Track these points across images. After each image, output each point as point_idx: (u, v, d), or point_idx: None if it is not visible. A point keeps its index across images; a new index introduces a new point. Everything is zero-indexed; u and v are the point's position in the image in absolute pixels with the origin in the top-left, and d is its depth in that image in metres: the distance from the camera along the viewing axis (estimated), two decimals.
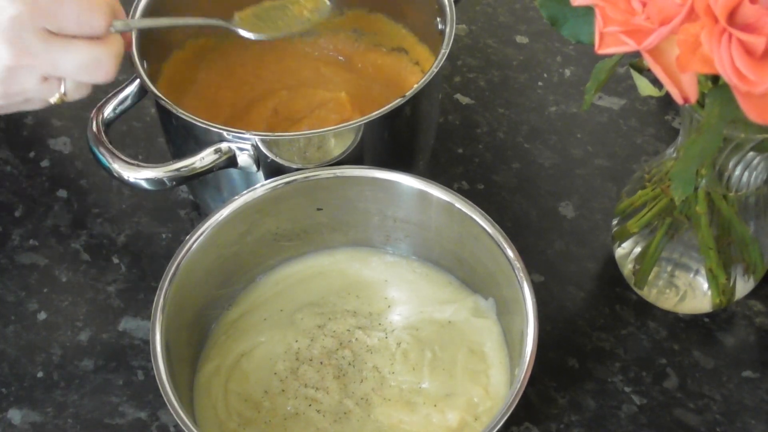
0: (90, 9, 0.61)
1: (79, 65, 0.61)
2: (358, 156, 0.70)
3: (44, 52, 0.59)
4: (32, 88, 0.61)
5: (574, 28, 0.57)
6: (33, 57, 0.59)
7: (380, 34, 0.84)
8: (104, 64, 0.62)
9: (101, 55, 0.61)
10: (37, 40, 0.59)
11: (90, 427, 0.69)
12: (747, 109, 0.48)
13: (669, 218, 0.68)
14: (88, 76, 0.62)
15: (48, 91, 0.62)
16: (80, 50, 0.61)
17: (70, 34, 0.60)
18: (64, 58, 0.60)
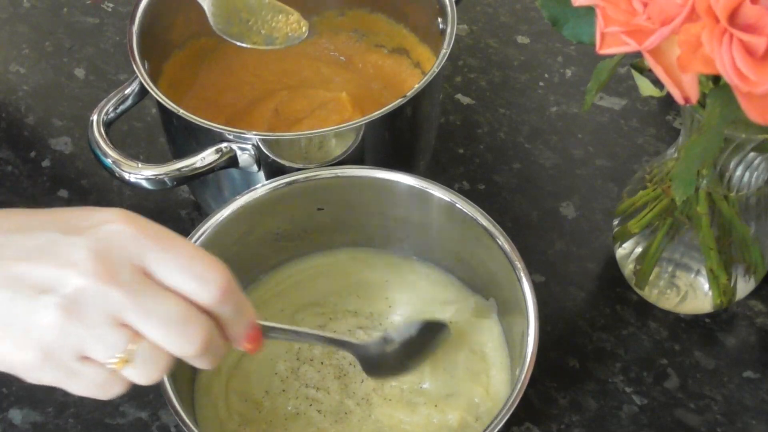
0: (206, 263, 0.48)
1: (169, 317, 0.47)
2: (359, 156, 0.70)
3: (134, 283, 0.46)
4: (98, 333, 0.46)
5: (575, 28, 0.57)
6: (118, 284, 0.46)
7: (381, 35, 0.84)
8: (195, 327, 0.47)
9: (195, 317, 0.47)
10: (131, 270, 0.46)
11: (91, 427, 0.69)
12: (748, 109, 0.48)
13: (670, 219, 0.68)
14: (175, 334, 0.47)
15: (116, 342, 0.46)
16: (177, 301, 0.47)
17: (170, 284, 0.47)
18: (154, 301, 0.46)
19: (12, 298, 0.46)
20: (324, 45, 0.85)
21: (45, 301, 0.45)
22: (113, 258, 0.46)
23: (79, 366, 0.47)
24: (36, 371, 0.47)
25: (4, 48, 0.93)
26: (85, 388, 0.48)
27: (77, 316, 0.45)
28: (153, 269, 0.47)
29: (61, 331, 0.45)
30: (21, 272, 0.46)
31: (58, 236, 0.47)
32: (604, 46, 0.50)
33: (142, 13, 0.74)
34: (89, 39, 0.94)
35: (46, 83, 0.90)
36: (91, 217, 0.48)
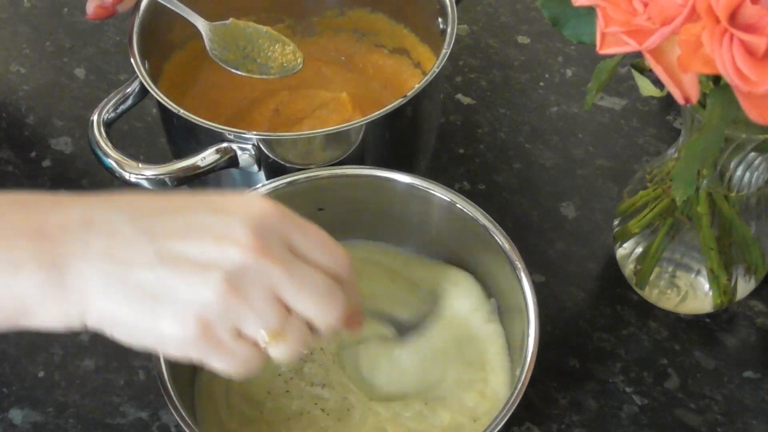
0: (334, 242, 0.52)
1: (318, 289, 0.49)
2: (360, 156, 0.70)
3: (288, 259, 0.49)
4: (259, 308, 0.48)
5: (576, 28, 0.57)
6: (276, 260, 0.48)
7: (381, 35, 0.84)
8: (338, 297, 0.50)
9: (337, 289, 0.50)
10: (284, 247, 0.49)
11: (91, 427, 0.69)
12: (748, 109, 0.48)
13: (670, 219, 0.68)
14: (324, 305, 0.50)
15: (274, 317, 0.48)
16: (322, 275, 0.50)
17: (312, 260, 0.50)
18: (306, 274, 0.49)
19: (173, 273, 0.47)
20: (324, 45, 0.85)
21: (209, 276, 0.47)
22: (268, 235, 0.49)
23: (231, 341, 0.48)
24: (188, 345, 0.48)
25: (4, 48, 0.93)
26: (229, 363, 0.49)
27: (241, 291, 0.47)
28: (297, 246, 0.50)
29: (225, 306, 0.47)
30: (179, 249, 0.47)
31: (209, 215, 0.49)
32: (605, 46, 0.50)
33: (143, 13, 0.74)
34: (89, 39, 0.94)
35: (46, 83, 0.90)
36: (233, 200, 0.51)
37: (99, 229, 0.48)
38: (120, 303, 0.47)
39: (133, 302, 0.47)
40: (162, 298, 0.47)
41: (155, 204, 0.50)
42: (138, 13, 0.74)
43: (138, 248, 0.47)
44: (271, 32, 0.76)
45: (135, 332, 0.48)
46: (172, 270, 0.47)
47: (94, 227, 0.48)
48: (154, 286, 0.47)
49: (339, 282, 0.51)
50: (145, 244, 0.48)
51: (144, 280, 0.47)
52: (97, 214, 0.48)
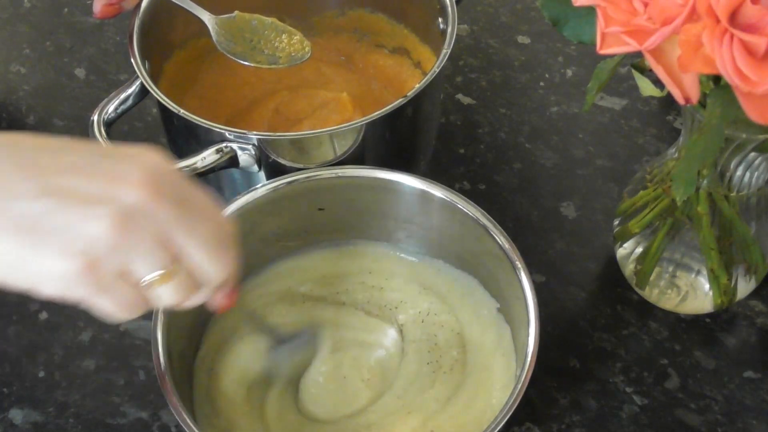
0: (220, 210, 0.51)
1: (211, 238, 0.49)
2: (360, 156, 0.70)
3: (181, 204, 0.48)
4: (146, 248, 0.47)
5: (576, 28, 0.57)
6: (169, 203, 0.47)
7: (382, 35, 0.84)
8: (230, 252, 0.50)
9: (230, 243, 0.51)
10: (177, 192, 0.48)
11: (91, 427, 0.69)
12: (748, 109, 0.48)
13: (670, 218, 0.68)
14: (214, 256, 0.49)
15: (161, 259, 0.47)
16: (215, 225, 0.49)
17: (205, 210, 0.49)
18: (198, 221, 0.48)
19: (59, 207, 0.45)
20: (324, 45, 0.85)
21: (98, 212, 0.45)
22: (162, 178, 0.47)
23: (115, 282, 0.47)
24: (71, 283, 0.46)
25: (4, 48, 0.93)
26: (113, 306, 0.48)
27: (129, 230, 0.46)
28: (190, 197, 0.48)
29: (112, 243, 0.45)
30: (68, 184, 0.45)
31: (100, 157, 0.47)
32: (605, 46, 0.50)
33: (143, 13, 0.74)
34: (90, 39, 0.94)
35: (46, 83, 0.90)
36: (124, 148, 0.49)
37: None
38: (2, 236, 0.45)
39: (12, 236, 0.45)
40: (45, 232, 0.45)
41: (38, 141, 0.47)
42: (138, 13, 0.74)
43: (19, 181, 0.45)
44: (276, 23, 0.76)
45: (12, 269, 0.46)
46: (58, 203, 0.45)
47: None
48: (37, 219, 0.45)
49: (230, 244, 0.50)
50: (29, 177, 0.45)
51: (26, 211, 0.45)
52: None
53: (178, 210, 0.47)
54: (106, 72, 0.91)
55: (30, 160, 0.46)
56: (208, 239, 0.48)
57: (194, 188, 0.49)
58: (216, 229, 0.49)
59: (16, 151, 0.46)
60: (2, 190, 0.45)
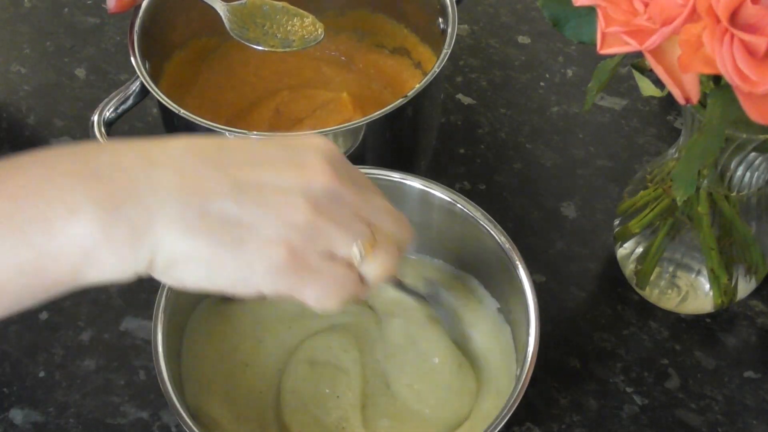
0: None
1: (391, 211, 0.52)
2: (360, 156, 0.70)
3: (360, 185, 0.50)
4: (346, 225, 0.48)
5: (576, 28, 0.57)
6: (350, 186, 0.49)
7: (382, 35, 0.84)
8: (406, 220, 0.53)
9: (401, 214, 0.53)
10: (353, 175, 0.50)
11: (91, 426, 0.69)
12: (749, 109, 0.48)
13: (671, 218, 0.68)
14: (400, 224, 0.52)
15: (362, 231, 0.49)
16: (387, 203, 0.52)
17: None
18: (376, 198, 0.51)
19: (256, 201, 0.46)
20: (325, 45, 0.85)
21: (294, 201, 0.46)
22: (337, 163, 0.49)
23: (322, 263, 0.48)
24: (278, 275, 0.46)
25: (5, 48, 0.93)
26: (323, 290, 0.48)
27: (328, 213, 0.47)
28: (356, 177, 0.50)
29: (315, 228, 0.47)
30: (256, 178, 0.46)
31: (276, 148, 0.49)
32: (605, 46, 0.50)
33: (143, 13, 0.74)
34: (90, 39, 0.94)
35: (47, 83, 0.90)
36: (294, 138, 0.52)
37: (163, 164, 0.45)
38: (198, 237, 0.45)
39: (214, 234, 0.45)
40: (247, 227, 0.45)
41: (216, 142, 0.48)
42: (139, 13, 0.74)
43: (212, 179, 0.45)
44: (288, 7, 0.75)
45: (215, 268, 0.46)
46: (254, 197, 0.46)
47: (157, 164, 0.45)
48: (238, 215, 0.45)
49: None
50: (219, 175, 0.46)
51: (225, 209, 0.45)
52: (155, 153, 0.46)
53: (356, 188, 0.49)
54: (106, 72, 0.91)
55: (215, 158, 0.47)
56: (385, 208, 0.51)
57: (356, 169, 0.51)
58: (384, 200, 0.51)
59: (203, 151, 0.47)
60: (197, 189, 0.45)
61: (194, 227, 0.45)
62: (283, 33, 0.74)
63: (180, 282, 0.46)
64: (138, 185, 0.45)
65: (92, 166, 0.45)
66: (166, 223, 0.44)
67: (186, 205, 0.45)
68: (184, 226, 0.45)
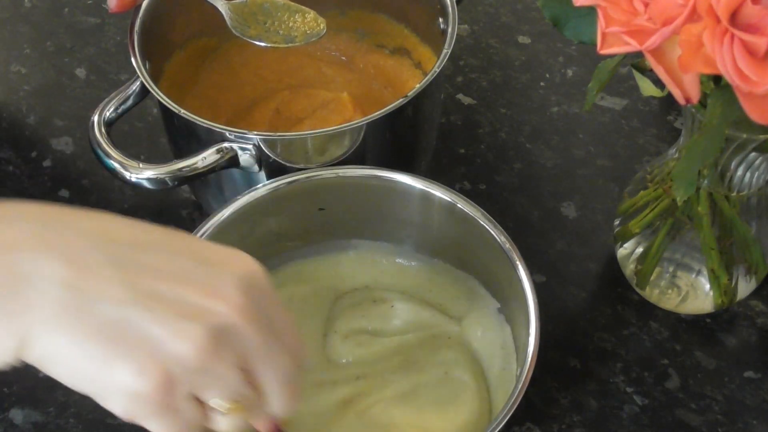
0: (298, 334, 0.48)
1: (287, 371, 0.46)
2: (360, 156, 0.70)
3: (270, 330, 0.44)
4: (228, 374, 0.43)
5: (576, 28, 0.57)
6: (259, 327, 0.44)
7: (382, 35, 0.84)
8: (297, 389, 0.47)
9: (298, 379, 0.47)
10: (268, 315, 0.45)
11: (92, 427, 0.69)
12: (749, 109, 0.48)
13: (671, 219, 0.68)
14: (285, 390, 0.46)
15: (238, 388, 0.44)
16: (291, 359, 0.46)
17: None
18: (281, 351, 0.45)
19: (146, 315, 0.41)
20: (325, 45, 0.85)
21: (189, 328, 0.42)
22: (255, 299, 0.44)
23: (183, 404, 0.43)
24: (139, 401, 0.42)
25: (5, 48, 0.93)
26: (170, 427, 0.43)
27: (217, 352, 0.42)
28: (274, 318, 0.45)
29: (197, 364, 0.42)
30: (157, 289, 0.42)
31: (195, 263, 0.44)
32: (605, 47, 0.50)
33: (144, 13, 0.74)
34: (90, 39, 0.94)
35: (47, 83, 0.90)
36: (220, 251, 0.46)
37: (56, 250, 0.41)
38: (71, 337, 0.41)
39: (88, 339, 0.41)
40: (124, 340, 0.41)
41: (132, 233, 0.44)
42: (139, 13, 0.74)
43: (107, 280, 0.41)
44: (288, 3, 0.75)
45: (80, 375, 0.42)
46: (145, 310, 0.41)
47: (53, 248, 0.41)
48: (118, 325, 0.41)
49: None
50: (117, 277, 0.41)
51: (108, 315, 0.41)
52: (55, 233, 0.42)
53: (264, 335, 0.44)
54: (106, 72, 0.91)
55: (127, 260, 0.42)
56: (285, 371, 0.46)
57: (279, 306, 0.46)
58: (294, 360, 0.46)
59: (111, 244, 0.43)
60: (87, 286, 0.41)
61: (69, 329, 0.41)
62: (285, 29, 0.74)
63: (55, 377, 0.43)
64: (23, 269, 0.41)
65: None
66: (41, 318, 0.41)
67: (67, 304, 0.41)
68: (58, 326, 0.41)
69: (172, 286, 0.42)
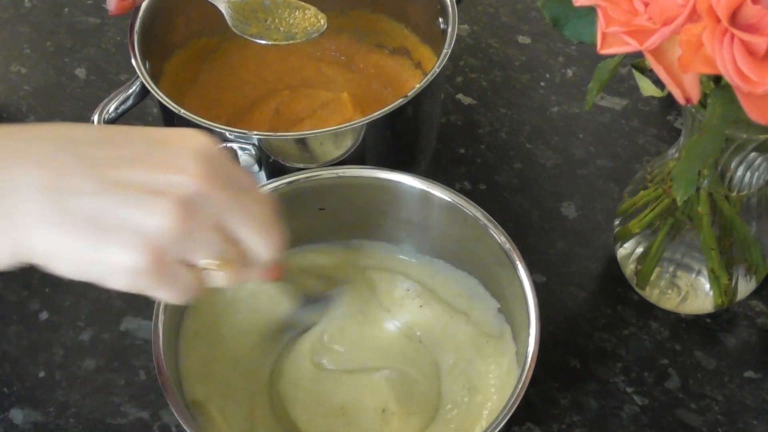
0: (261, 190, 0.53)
1: (263, 219, 0.50)
2: (360, 156, 0.70)
3: (235, 189, 0.49)
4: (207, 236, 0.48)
5: (576, 28, 0.57)
6: (224, 188, 0.48)
7: (382, 35, 0.84)
8: (279, 231, 0.51)
9: (278, 222, 0.51)
10: (230, 176, 0.49)
11: (92, 426, 0.69)
12: (749, 109, 0.48)
13: (671, 219, 0.68)
14: (267, 237, 0.50)
15: (220, 245, 0.48)
16: (265, 206, 0.51)
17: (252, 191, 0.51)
18: (252, 204, 0.50)
19: (120, 200, 0.45)
20: (325, 45, 0.85)
21: (160, 203, 0.46)
22: (213, 163, 0.48)
23: (175, 269, 0.47)
24: (137, 275, 0.46)
25: (5, 48, 0.93)
26: (174, 292, 0.48)
27: (189, 220, 0.46)
28: (237, 179, 0.49)
29: (174, 234, 0.46)
30: (124, 176, 0.46)
31: (153, 146, 0.48)
32: (605, 47, 0.50)
33: (143, 13, 0.74)
34: (90, 39, 0.94)
35: (47, 83, 0.90)
36: (173, 132, 0.50)
37: (31, 158, 0.46)
38: (63, 233, 0.45)
39: (78, 232, 0.45)
40: (108, 226, 0.45)
41: (92, 134, 0.48)
42: (139, 13, 0.74)
43: (79, 176, 0.46)
44: (289, 0, 0.75)
45: (80, 264, 0.46)
46: (119, 197, 0.46)
47: (26, 157, 0.46)
48: (100, 214, 0.45)
49: None
50: (87, 172, 0.46)
51: (88, 207, 0.45)
52: (26, 144, 0.46)
53: (230, 194, 0.48)
54: (106, 72, 0.91)
55: (90, 156, 0.46)
56: (258, 219, 0.49)
57: (238, 169, 0.50)
58: (263, 208, 0.50)
59: (74, 145, 0.47)
60: (63, 185, 0.45)
61: (58, 225, 0.45)
62: (285, 26, 0.74)
63: (58, 273, 0.47)
64: (4, 179, 0.45)
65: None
66: (32, 219, 0.45)
67: (50, 203, 0.45)
68: (49, 224, 0.45)
69: (135, 170, 0.46)
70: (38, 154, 0.46)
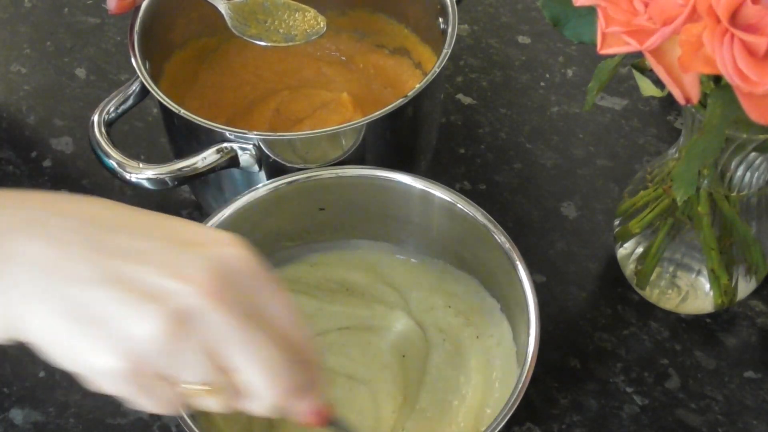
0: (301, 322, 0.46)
1: (272, 360, 0.44)
2: (360, 156, 0.70)
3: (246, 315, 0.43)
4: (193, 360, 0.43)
5: (576, 28, 0.57)
6: (231, 312, 0.42)
7: (382, 35, 0.84)
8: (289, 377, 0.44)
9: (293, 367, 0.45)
10: (244, 300, 0.43)
11: (92, 426, 0.69)
12: (749, 109, 0.48)
13: (671, 219, 0.68)
14: (270, 380, 0.44)
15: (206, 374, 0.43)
16: (278, 346, 0.44)
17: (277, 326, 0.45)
18: (263, 338, 0.43)
19: (116, 298, 0.42)
20: (325, 45, 0.85)
21: (152, 311, 0.42)
22: (230, 284, 0.43)
23: (157, 383, 0.44)
24: (116, 381, 0.43)
25: (5, 48, 0.93)
26: (156, 406, 0.45)
27: (180, 336, 0.42)
28: (262, 308, 0.44)
29: (159, 347, 0.42)
30: (126, 272, 0.42)
31: (171, 245, 0.44)
32: (605, 47, 0.50)
33: (143, 13, 0.74)
34: (90, 39, 0.94)
35: (47, 83, 0.90)
36: (205, 234, 0.46)
37: (43, 231, 0.43)
38: (55, 320, 0.42)
39: (63, 321, 0.42)
40: (95, 322, 0.42)
41: (116, 218, 0.45)
42: (139, 13, 0.74)
43: (81, 261, 0.42)
44: (288, 2, 0.75)
45: (68, 355, 0.43)
46: (114, 292, 0.42)
47: (37, 230, 0.43)
48: (88, 305, 0.42)
49: (302, 362, 0.45)
50: (92, 258, 0.42)
51: (80, 298, 0.42)
52: (43, 217, 0.44)
53: (238, 319, 0.42)
54: (106, 72, 0.91)
55: (102, 242, 0.43)
56: (269, 358, 0.43)
57: (271, 294, 0.45)
58: (284, 348, 0.44)
59: (92, 227, 0.44)
60: (63, 270, 0.42)
61: (51, 309, 0.42)
62: (285, 28, 0.74)
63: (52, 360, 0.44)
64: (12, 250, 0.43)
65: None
66: (28, 298, 0.42)
67: (46, 285, 0.42)
68: (42, 306, 0.42)
69: (141, 267, 0.43)
70: (51, 229, 0.43)
